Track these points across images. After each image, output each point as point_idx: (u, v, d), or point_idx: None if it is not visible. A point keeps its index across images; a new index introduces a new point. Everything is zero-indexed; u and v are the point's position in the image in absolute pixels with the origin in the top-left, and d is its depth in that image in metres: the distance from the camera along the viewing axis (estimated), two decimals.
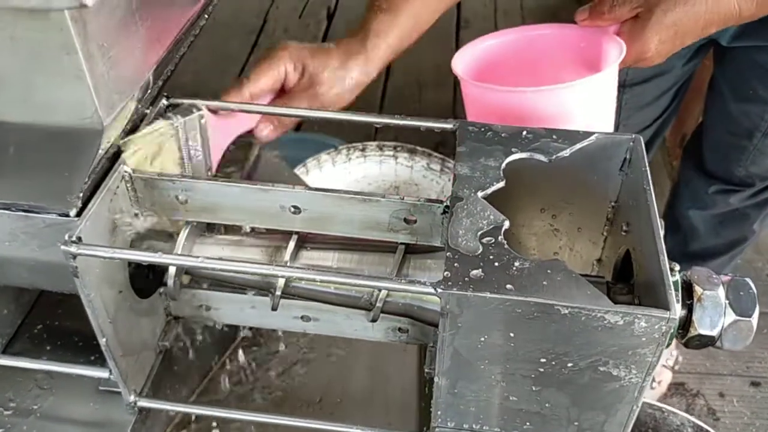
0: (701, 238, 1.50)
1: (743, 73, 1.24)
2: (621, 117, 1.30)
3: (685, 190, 1.51)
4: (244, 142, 0.98)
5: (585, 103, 0.76)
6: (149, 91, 0.62)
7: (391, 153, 1.53)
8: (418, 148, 1.53)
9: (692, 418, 0.98)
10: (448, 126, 0.66)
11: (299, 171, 1.46)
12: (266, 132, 0.78)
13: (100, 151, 0.53)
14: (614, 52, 0.80)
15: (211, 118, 0.69)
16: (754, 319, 0.58)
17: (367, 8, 0.86)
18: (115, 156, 0.59)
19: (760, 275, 1.86)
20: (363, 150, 1.53)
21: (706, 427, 0.97)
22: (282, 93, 0.81)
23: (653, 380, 1.56)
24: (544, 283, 0.51)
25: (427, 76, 2.58)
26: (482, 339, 0.53)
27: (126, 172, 0.60)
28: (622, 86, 1.28)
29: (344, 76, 0.81)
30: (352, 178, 1.53)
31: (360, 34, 0.84)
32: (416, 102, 2.53)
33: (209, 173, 0.70)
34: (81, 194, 0.54)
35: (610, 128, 0.83)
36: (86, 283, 0.56)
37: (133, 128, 0.63)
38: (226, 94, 0.75)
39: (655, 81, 1.28)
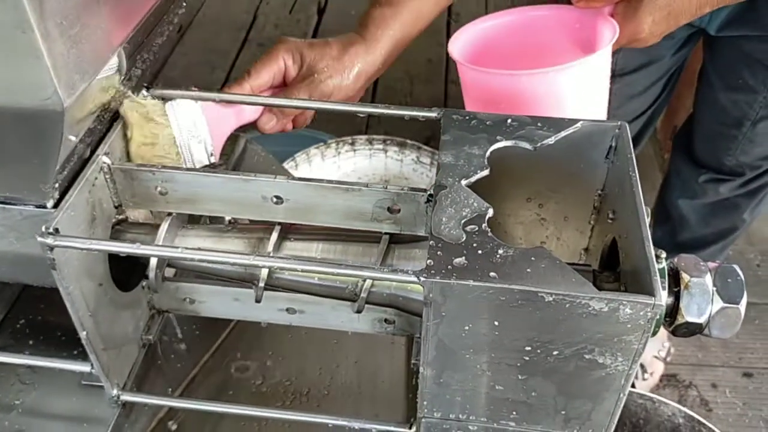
0: (691, 228, 1.50)
1: (732, 63, 1.24)
2: (612, 107, 1.29)
3: (675, 179, 1.51)
4: (231, 135, 0.98)
5: (578, 85, 0.76)
6: (126, 78, 0.61)
7: (381, 147, 1.52)
8: (408, 141, 1.53)
9: (683, 408, 0.97)
10: (433, 114, 0.65)
11: (288, 165, 1.46)
12: (270, 124, 0.77)
13: (70, 137, 0.51)
14: (608, 34, 0.79)
15: (213, 108, 0.68)
16: (742, 306, 0.58)
17: (369, 4, 0.85)
18: (93, 146, 0.59)
19: (751, 265, 1.87)
20: (352, 144, 1.52)
21: (697, 416, 0.97)
22: (283, 86, 0.80)
23: (645, 371, 1.56)
24: (528, 270, 0.51)
25: (419, 70, 2.57)
26: (467, 328, 0.52)
27: (105, 163, 0.59)
28: (613, 76, 1.27)
29: (343, 66, 0.80)
30: (341, 172, 1.52)
31: (360, 26, 0.83)
32: (407, 96, 2.52)
33: (211, 159, 0.69)
34: (57, 185, 0.53)
35: (604, 111, 0.83)
36: (65, 276, 0.55)
37: (112, 120, 0.62)
38: (228, 89, 0.74)
39: (645, 70, 1.28)
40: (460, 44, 0.82)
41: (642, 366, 1.57)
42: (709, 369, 1.64)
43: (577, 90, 0.76)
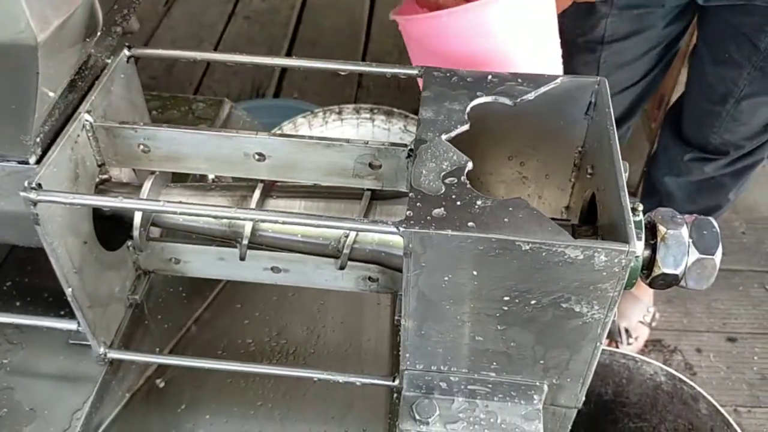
0: (676, 204, 1.51)
1: (720, 36, 1.24)
2: (600, 75, 1.30)
3: (662, 156, 1.52)
4: (215, 99, 0.98)
5: (512, 25, 0.73)
6: (102, 37, 0.61)
7: (368, 116, 1.52)
8: (395, 110, 1.53)
9: (665, 367, 0.99)
10: (414, 72, 0.66)
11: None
12: None
13: (48, 93, 0.51)
14: None
15: None
16: (717, 257, 0.59)
17: None
18: (75, 103, 0.59)
19: (736, 233, 1.89)
20: (339, 113, 1.52)
21: (678, 374, 0.98)
22: None
23: (630, 336, 1.58)
24: (506, 220, 0.51)
25: None
26: (446, 278, 0.53)
27: (87, 120, 0.60)
28: (600, 43, 1.28)
29: None
30: None
31: None
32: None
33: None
34: (38, 139, 0.54)
35: (555, 64, 0.80)
36: (48, 232, 0.55)
37: (94, 78, 0.62)
38: None
39: (634, 39, 1.28)
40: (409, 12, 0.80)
41: (627, 331, 1.59)
42: (694, 334, 1.66)
43: (513, 31, 0.72)
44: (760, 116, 1.29)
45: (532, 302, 0.54)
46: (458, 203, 0.53)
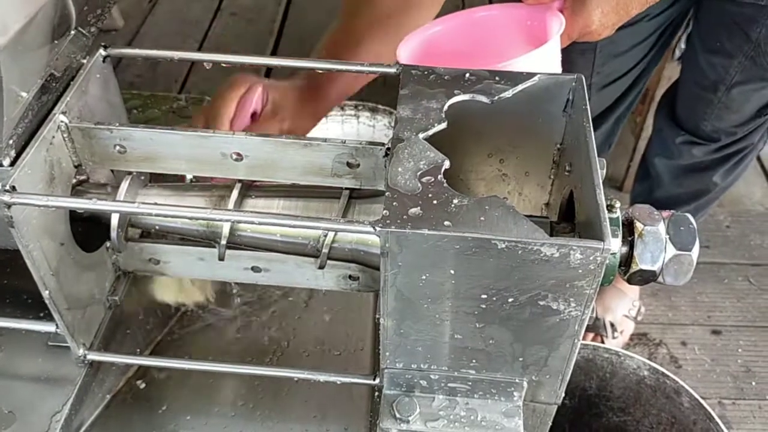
0: (665, 186, 1.52)
1: (712, 25, 1.25)
2: (596, 64, 1.31)
3: (656, 138, 1.54)
4: (196, 97, 0.98)
5: None
6: (77, 36, 0.60)
7: (353, 112, 1.52)
8: (380, 106, 1.53)
9: (647, 361, 1.00)
10: (392, 70, 0.65)
11: None
12: None
13: (21, 93, 0.51)
14: (555, 26, 0.79)
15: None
16: (694, 253, 0.59)
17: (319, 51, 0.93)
18: (50, 104, 0.58)
19: (720, 226, 1.90)
20: None
21: (661, 368, 0.99)
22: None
23: (615, 330, 1.59)
24: (482, 219, 0.51)
25: None
26: (423, 277, 0.53)
27: (62, 121, 0.59)
28: None
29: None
30: None
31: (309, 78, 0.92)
32: None
33: None
34: (12, 142, 0.53)
35: None
36: (24, 234, 0.55)
37: (69, 79, 0.62)
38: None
39: (630, 29, 1.28)
40: (407, 51, 0.81)
41: (612, 325, 1.60)
42: (679, 327, 1.67)
43: None
44: (750, 103, 1.30)
45: (510, 300, 0.54)
46: (435, 202, 0.53)
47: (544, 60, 0.76)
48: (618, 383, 1.03)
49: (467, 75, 0.64)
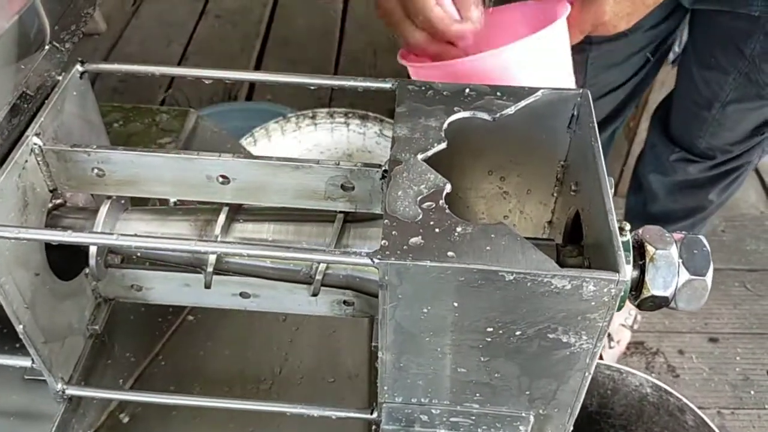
0: (660, 202, 1.50)
1: (707, 40, 1.22)
2: (588, 76, 1.27)
3: (649, 153, 1.51)
4: (180, 110, 0.94)
5: (531, 65, 0.72)
6: (51, 52, 0.56)
7: (343, 120, 1.48)
8: (371, 114, 1.49)
9: (651, 378, 0.97)
10: (387, 85, 0.62)
11: (246, 141, 1.41)
12: None
13: None
14: (562, 13, 0.76)
15: None
16: (708, 278, 0.56)
17: None
18: (22, 126, 0.54)
19: (716, 231, 1.88)
20: (313, 117, 1.48)
21: (664, 386, 0.96)
22: None
23: (611, 339, 1.56)
24: (488, 248, 0.48)
25: (382, 41, 2.53)
26: (425, 310, 0.50)
27: (36, 144, 0.55)
28: (589, 43, 1.24)
29: None
30: (303, 147, 1.48)
31: None
32: (372, 68, 2.47)
33: None
34: None
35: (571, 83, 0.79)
36: None
37: (44, 98, 0.58)
38: None
39: (625, 39, 1.25)
40: (414, 59, 0.78)
41: (609, 334, 1.57)
42: (676, 335, 1.65)
43: (531, 71, 0.72)
44: (746, 122, 1.27)
45: (517, 333, 0.51)
46: (436, 230, 0.49)
47: (551, 45, 0.73)
48: (620, 400, 1.01)
49: (467, 90, 0.61)
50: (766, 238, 1.87)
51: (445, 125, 0.58)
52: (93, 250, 0.58)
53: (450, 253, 0.48)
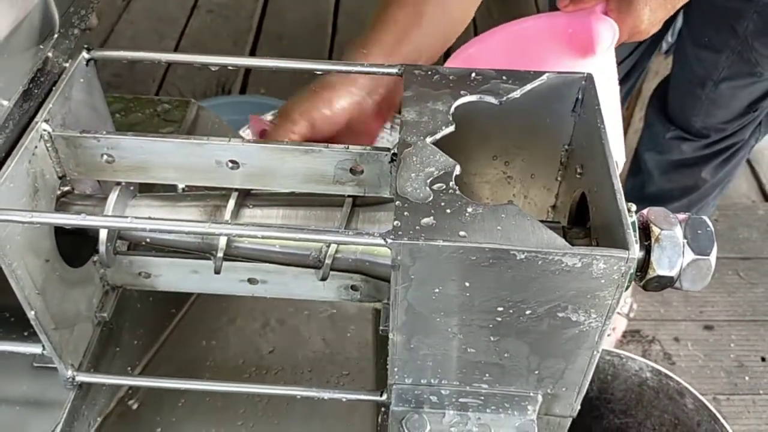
0: (655, 182, 1.52)
1: (701, 20, 1.24)
2: None
3: (647, 132, 1.53)
4: (181, 100, 0.94)
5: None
6: (60, 39, 0.56)
7: None
8: None
9: (650, 363, 0.98)
10: (394, 70, 0.62)
11: (244, 133, 1.41)
12: None
13: (2, 102, 0.47)
14: (607, 34, 0.76)
15: None
16: (713, 258, 0.57)
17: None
18: (32, 112, 0.55)
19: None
20: None
21: (663, 370, 0.97)
22: None
23: None
24: (499, 228, 0.49)
25: None
26: (436, 290, 0.51)
27: (45, 130, 0.55)
28: None
29: None
30: None
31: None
32: None
33: None
34: None
35: (617, 120, 0.79)
36: (7, 253, 0.51)
37: (51, 84, 0.58)
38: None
39: None
40: None
41: None
42: (672, 323, 1.66)
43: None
44: (739, 99, 1.29)
45: (527, 312, 0.52)
46: (448, 211, 0.50)
47: (600, 69, 0.72)
48: (619, 385, 1.02)
49: (473, 75, 0.61)
50: (758, 227, 1.88)
51: (452, 109, 0.58)
52: (103, 235, 0.59)
53: (462, 233, 0.48)
